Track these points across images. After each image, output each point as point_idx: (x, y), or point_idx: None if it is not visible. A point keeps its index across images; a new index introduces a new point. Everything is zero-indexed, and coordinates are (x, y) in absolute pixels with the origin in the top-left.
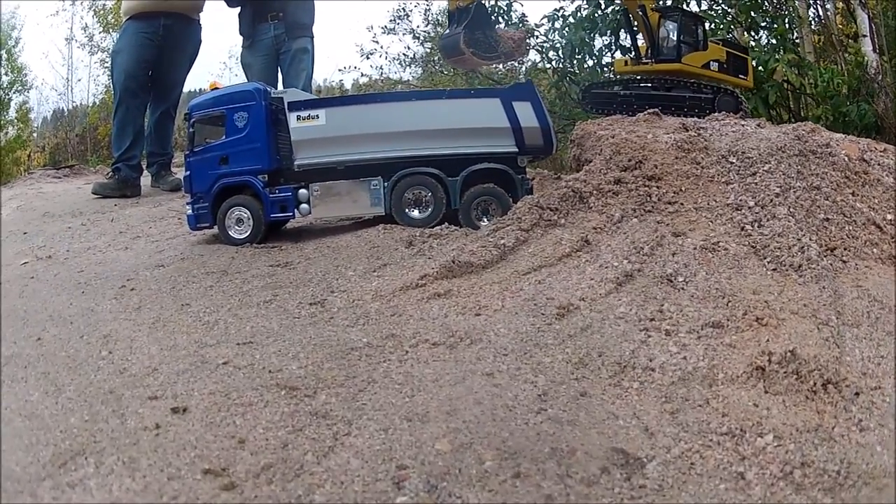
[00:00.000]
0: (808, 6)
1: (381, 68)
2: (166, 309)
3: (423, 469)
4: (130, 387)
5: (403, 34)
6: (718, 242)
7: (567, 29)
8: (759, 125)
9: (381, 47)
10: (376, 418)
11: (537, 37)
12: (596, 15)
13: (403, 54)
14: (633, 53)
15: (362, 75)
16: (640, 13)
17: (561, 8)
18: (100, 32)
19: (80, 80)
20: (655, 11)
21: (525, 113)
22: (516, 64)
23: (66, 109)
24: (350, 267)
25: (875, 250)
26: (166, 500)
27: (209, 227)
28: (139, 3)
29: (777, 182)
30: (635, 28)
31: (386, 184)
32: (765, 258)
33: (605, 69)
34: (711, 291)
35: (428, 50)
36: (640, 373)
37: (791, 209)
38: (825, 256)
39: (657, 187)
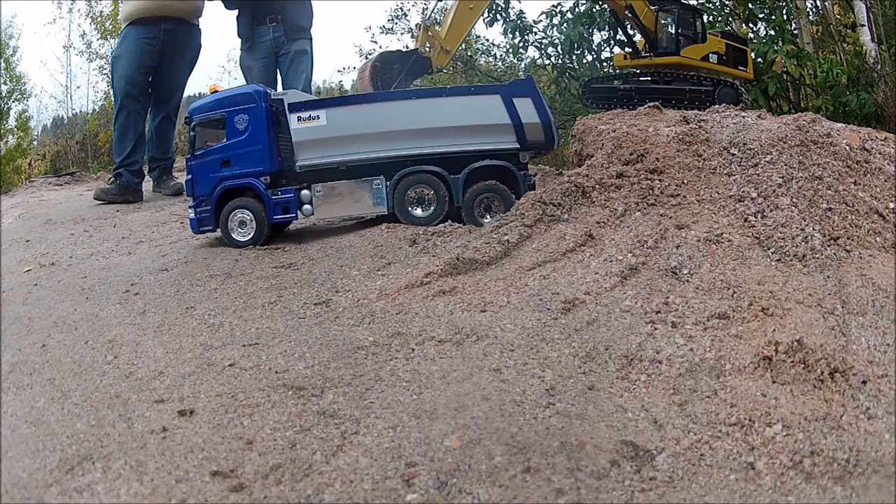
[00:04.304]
0: None
1: None
2: (171, 312)
3: (432, 466)
4: (137, 390)
5: (402, 34)
6: (722, 234)
7: (565, 25)
8: (759, 116)
9: (380, 47)
10: (384, 416)
11: (535, 33)
12: (594, 10)
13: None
14: (631, 49)
15: None
16: (629, 14)
17: (559, 4)
18: (98, 39)
19: (79, 88)
20: (652, 6)
21: (526, 109)
22: (515, 61)
23: (65, 117)
24: (354, 266)
25: (878, 239)
26: (175, 503)
27: (212, 231)
28: (139, 8)
29: (779, 172)
30: (626, 24)
31: (388, 183)
32: (769, 249)
33: (605, 64)
34: (716, 283)
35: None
36: (647, 365)
37: (794, 199)
38: (829, 246)
39: (659, 180)
